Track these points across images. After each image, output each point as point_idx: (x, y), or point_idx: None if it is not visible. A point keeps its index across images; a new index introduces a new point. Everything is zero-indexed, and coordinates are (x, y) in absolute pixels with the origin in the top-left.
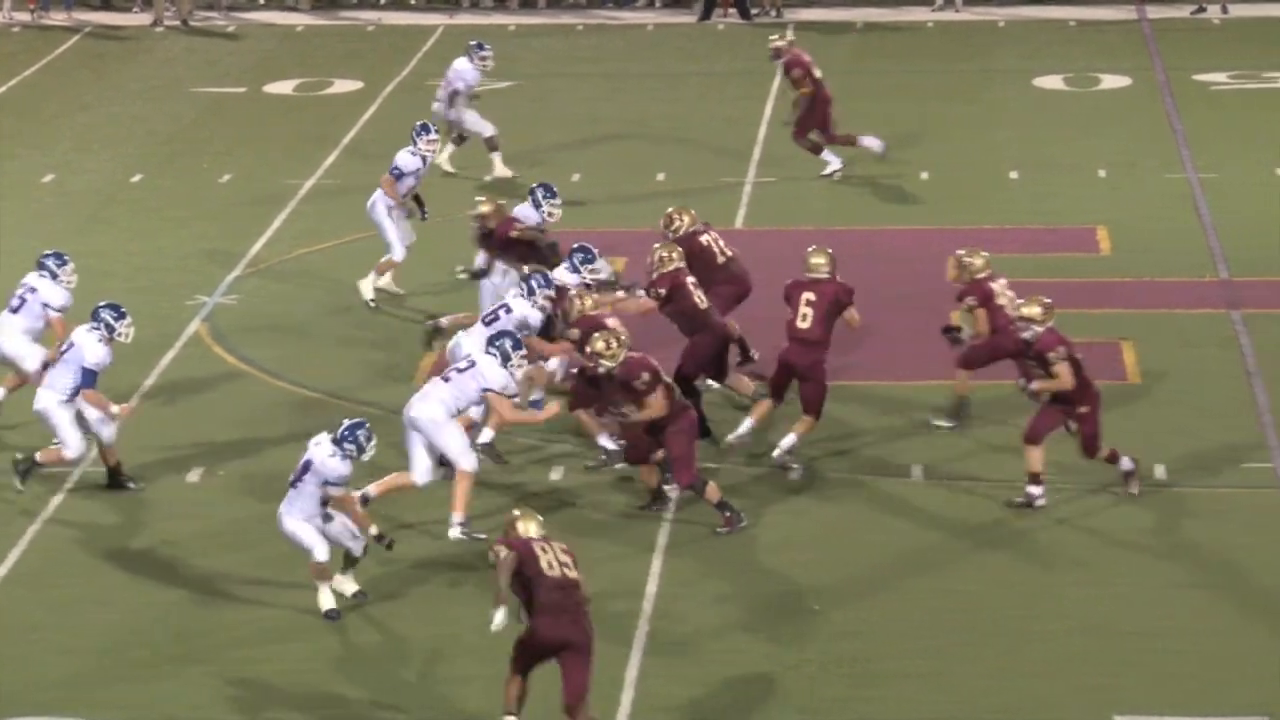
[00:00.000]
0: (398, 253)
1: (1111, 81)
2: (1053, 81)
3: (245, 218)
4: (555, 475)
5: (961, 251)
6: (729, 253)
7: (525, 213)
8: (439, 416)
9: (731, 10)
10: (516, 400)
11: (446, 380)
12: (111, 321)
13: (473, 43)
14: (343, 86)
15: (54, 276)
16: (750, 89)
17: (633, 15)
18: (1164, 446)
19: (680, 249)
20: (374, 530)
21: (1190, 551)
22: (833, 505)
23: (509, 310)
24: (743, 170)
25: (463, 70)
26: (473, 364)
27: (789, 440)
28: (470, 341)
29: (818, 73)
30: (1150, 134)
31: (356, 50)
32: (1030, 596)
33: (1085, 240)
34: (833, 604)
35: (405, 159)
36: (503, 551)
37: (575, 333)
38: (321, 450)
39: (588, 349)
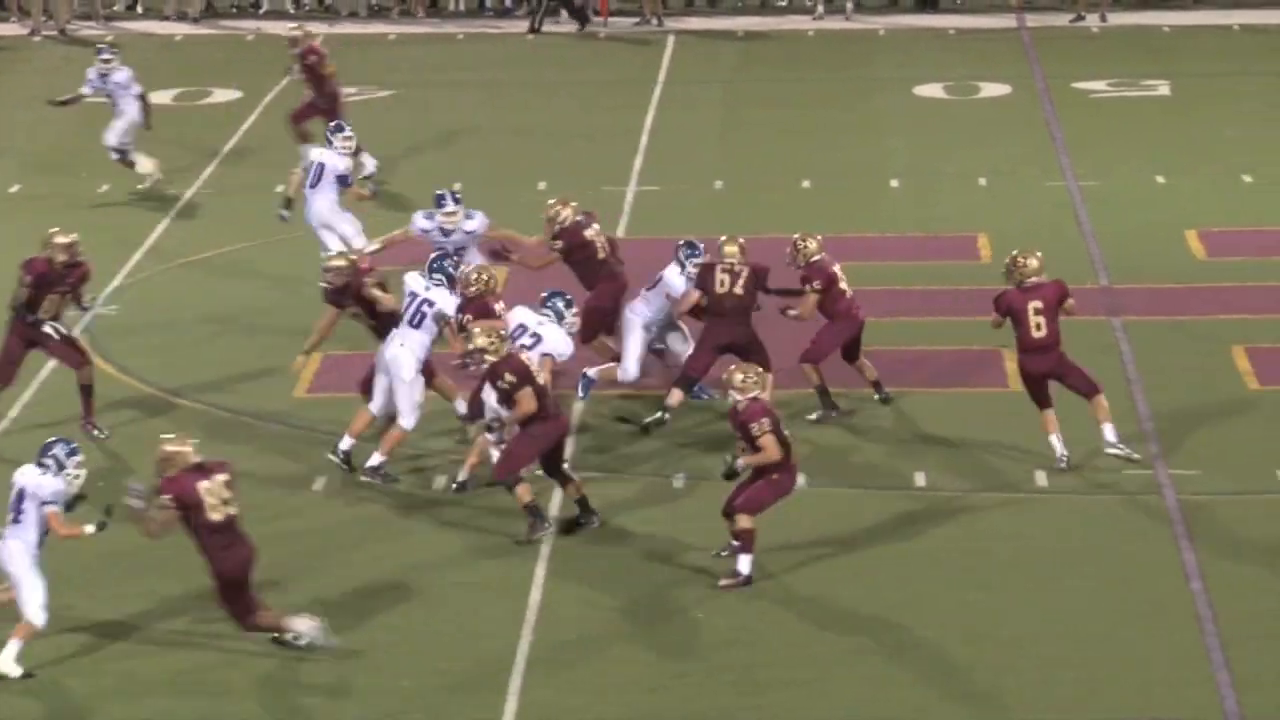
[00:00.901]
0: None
1: (991, 90)
2: (933, 90)
3: (125, 227)
4: (439, 480)
5: (797, 235)
6: (609, 249)
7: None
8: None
9: (613, 17)
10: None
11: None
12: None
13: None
14: (222, 96)
15: None
16: (631, 98)
17: (512, 25)
18: (1045, 454)
19: (575, 204)
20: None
21: (1071, 557)
22: (715, 512)
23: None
24: (625, 179)
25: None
26: (538, 339)
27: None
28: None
29: (331, 68)
30: (1030, 142)
31: (236, 59)
32: (912, 604)
33: (966, 248)
34: (716, 612)
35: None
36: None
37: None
38: (28, 474)
39: (469, 344)
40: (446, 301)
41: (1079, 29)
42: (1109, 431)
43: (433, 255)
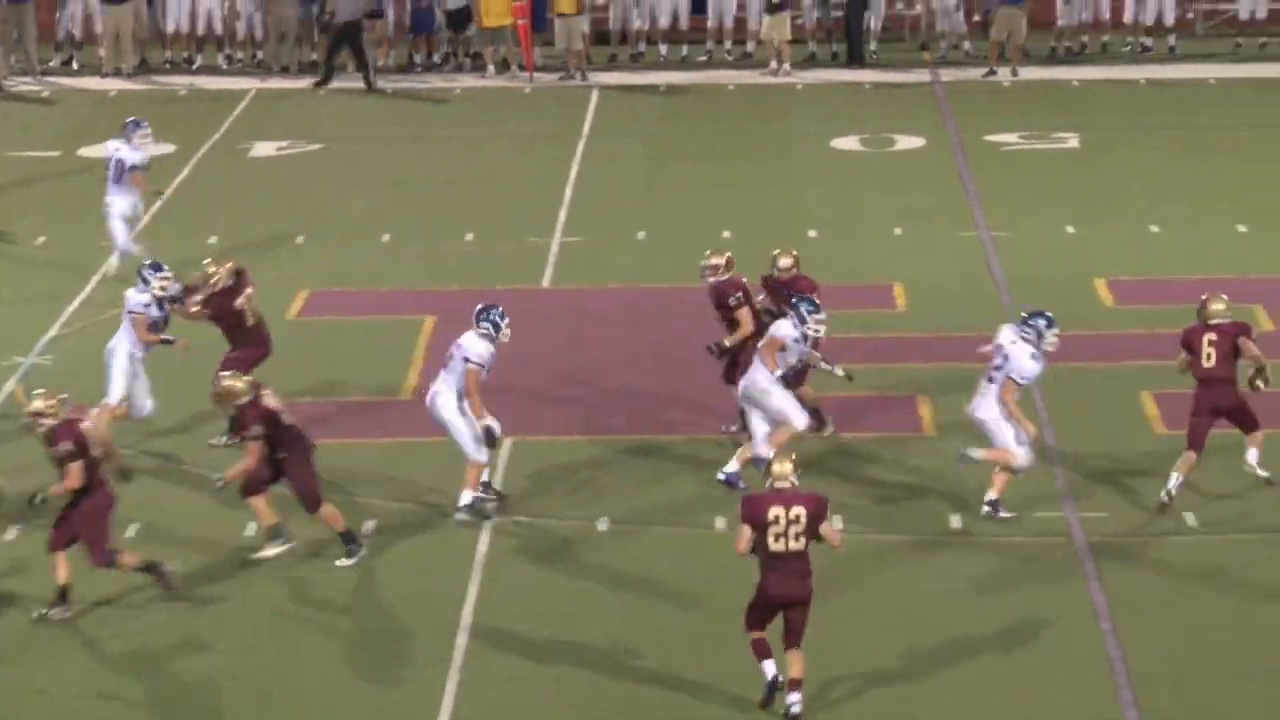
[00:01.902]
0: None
1: (906, 142)
2: (850, 142)
3: (61, 279)
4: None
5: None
6: (258, 317)
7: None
8: (765, 383)
9: (538, 73)
10: None
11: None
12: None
13: (130, 120)
14: (157, 149)
15: None
16: (556, 151)
17: (439, 80)
18: (960, 496)
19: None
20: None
21: (983, 598)
22: (630, 557)
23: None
24: (550, 230)
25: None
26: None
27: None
28: None
29: None
30: (944, 193)
31: (170, 114)
32: (826, 646)
33: (883, 297)
34: (647, 646)
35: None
36: None
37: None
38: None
39: (28, 409)
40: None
41: (991, 83)
42: (1252, 455)
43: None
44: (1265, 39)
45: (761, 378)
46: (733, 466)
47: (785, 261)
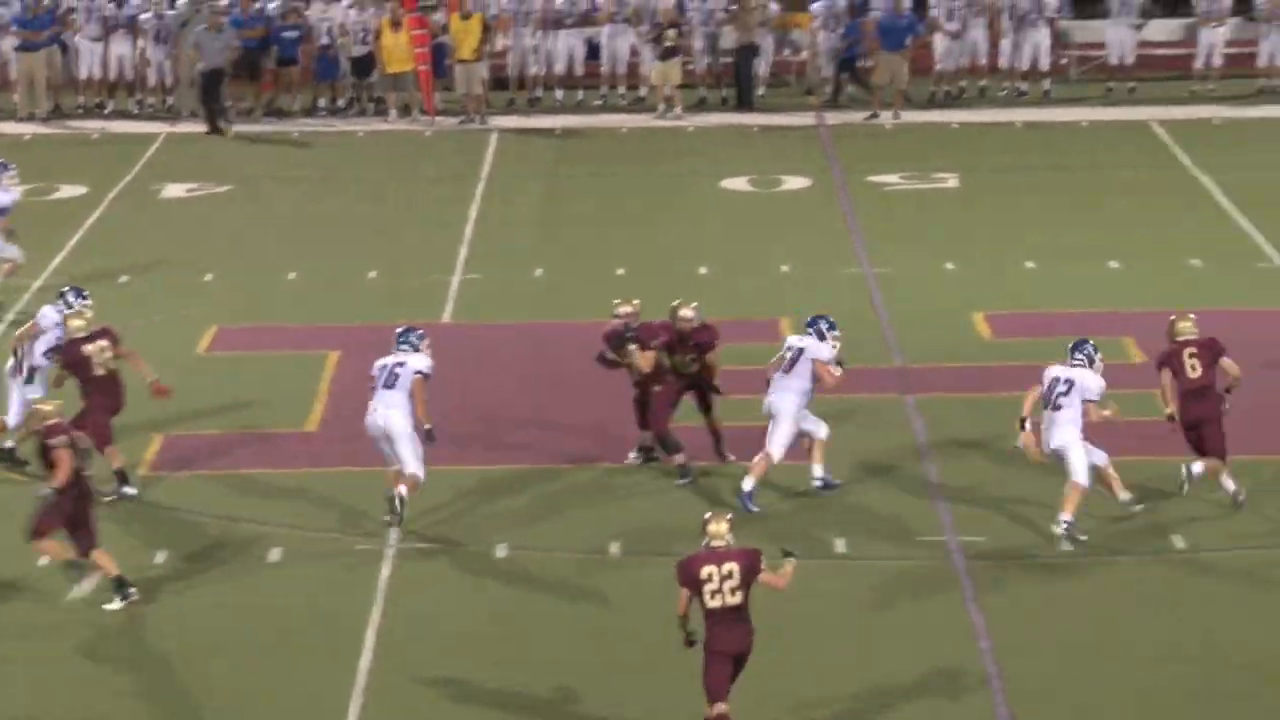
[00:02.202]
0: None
1: (793, 183)
2: (739, 183)
3: None
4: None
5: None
6: (112, 367)
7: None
8: (792, 407)
9: (439, 116)
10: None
11: (788, 373)
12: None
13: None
14: (69, 191)
15: None
16: (456, 191)
17: (344, 124)
18: (845, 522)
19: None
20: None
21: (865, 619)
22: (515, 586)
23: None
24: (450, 268)
25: None
26: (802, 350)
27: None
28: None
29: None
30: (829, 231)
31: (83, 157)
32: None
33: (769, 331)
34: (546, 670)
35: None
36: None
37: None
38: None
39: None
40: (420, 362)
41: (874, 126)
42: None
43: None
44: (1134, 84)
45: (793, 403)
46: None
47: (687, 313)
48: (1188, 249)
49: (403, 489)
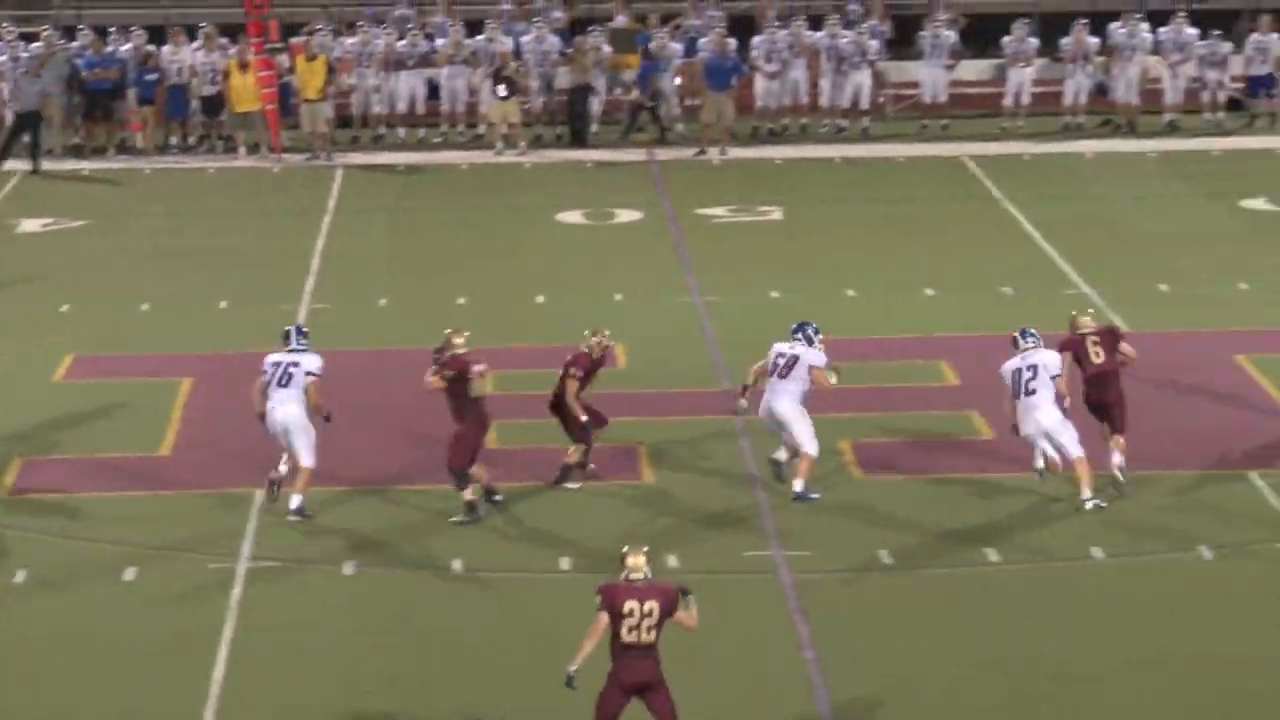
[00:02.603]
0: None
1: (625, 216)
2: (574, 216)
3: None
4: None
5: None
6: None
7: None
8: (795, 408)
9: (286, 154)
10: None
11: (784, 378)
12: None
13: None
14: None
15: None
16: (303, 226)
17: (194, 161)
18: (676, 538)
19: None
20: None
21: (692, 638)
22: (364, 603)
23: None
24: (298, 298)
25: None
26: (797, 357)
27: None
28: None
29: None
30: (660, 262)
31: None
32: (552, 687)
33: (607, 357)
34: (397, 682)
35: None
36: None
37: None
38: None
39: None
40: (312, 363)
41: (701, 162)
42: (1117, 458)
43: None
44: (946, 121)
45: (794, 405)
46: (799, 485)
47: (598, 339)
48: (999, 277)
49: (283, 468)
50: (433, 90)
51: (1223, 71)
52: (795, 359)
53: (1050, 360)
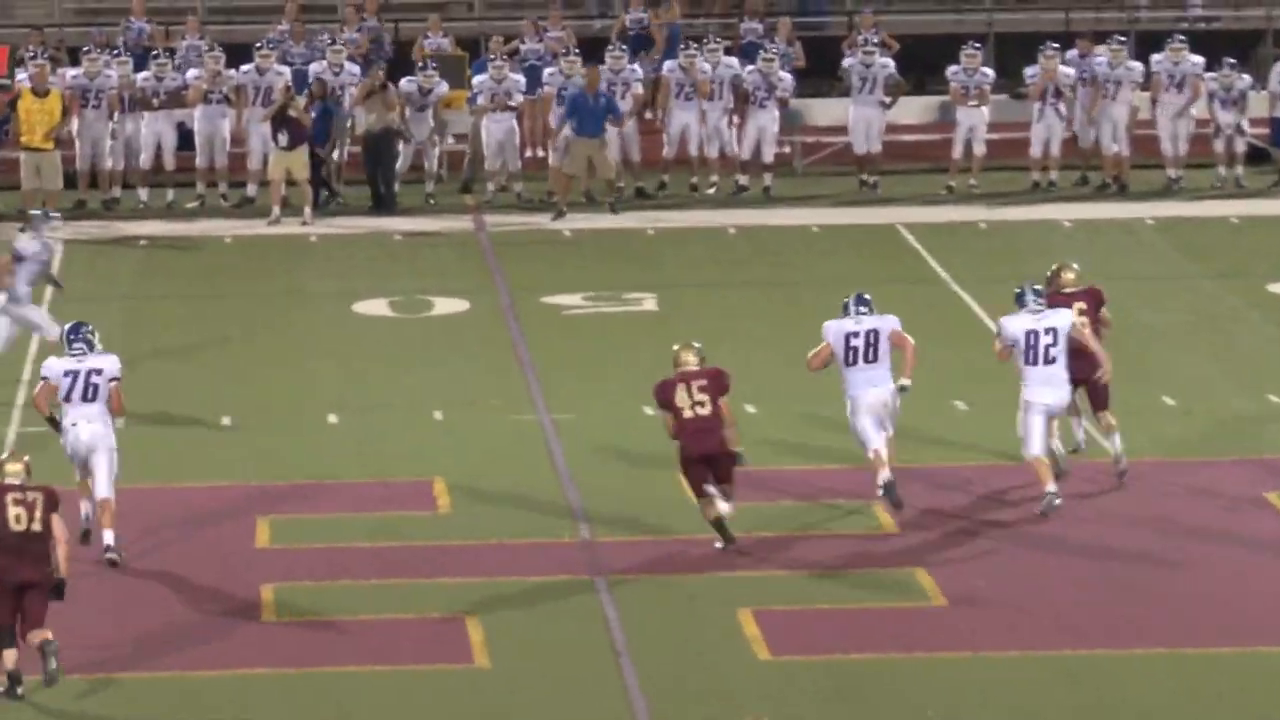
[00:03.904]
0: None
1: (446, 306)
2: (376, 306)
3: None
4: None
5: None
6: None
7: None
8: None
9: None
10: None
11: (873, 361)
12: None
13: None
14: None
15: None
16: None
17: None
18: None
19: None
20: None
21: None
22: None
23: None
24: (6, 419)
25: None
26: (876, 330)
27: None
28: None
29: None
30: (493, 367)
31: None
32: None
33: (421, 496)
34: None
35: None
36: None
37: None
38: None
39: None
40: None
41: (551, 233)
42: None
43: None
44: (875, 178)
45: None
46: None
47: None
48: (949, 386)
49: (109, 538)
50: (184, 138)
51: (1239, 113)
52: (875, 333)
53: (1067, 325)
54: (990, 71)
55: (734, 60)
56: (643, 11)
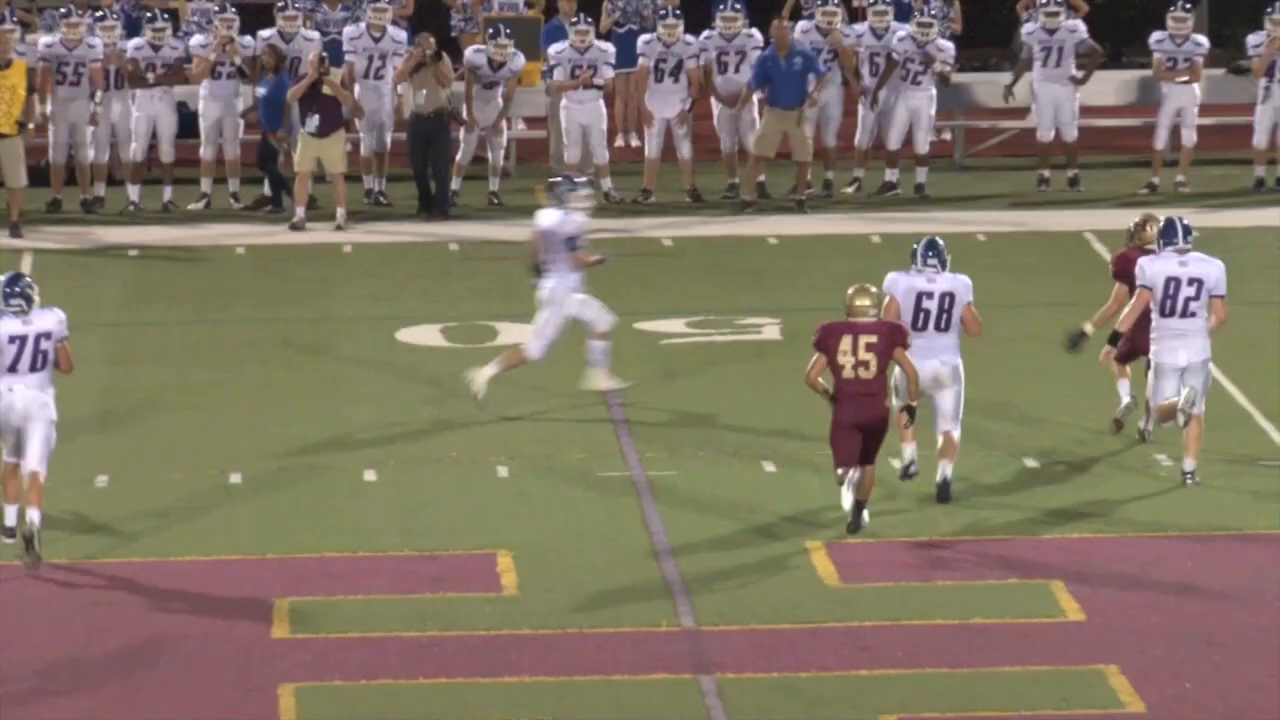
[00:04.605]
0: None
1: (514, 334)
2: (427, 334)
3: None
4: None
5: None
6: None
7: None
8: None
9: None
10: None
11: (943, 329)
12: None
13: None
14: None
15: None
16: None
17: None
18: None
19: None
20: None
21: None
22: None
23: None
24: None
25: None
26: (951, 294)
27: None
28: None
29: None
30: (574, 411)
31: None
32: None
33: (481, 573)
34: None
35: None
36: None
37: None
38: None
39: None
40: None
41: (645, 242)
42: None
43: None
44: (1074, 170)
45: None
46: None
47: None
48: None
49: (35, 517)
50: (186, 122)
51: None
52: (950, 296)
53: (1216, 277)
54: (1204, 39)
55: (864, 26)
56: None
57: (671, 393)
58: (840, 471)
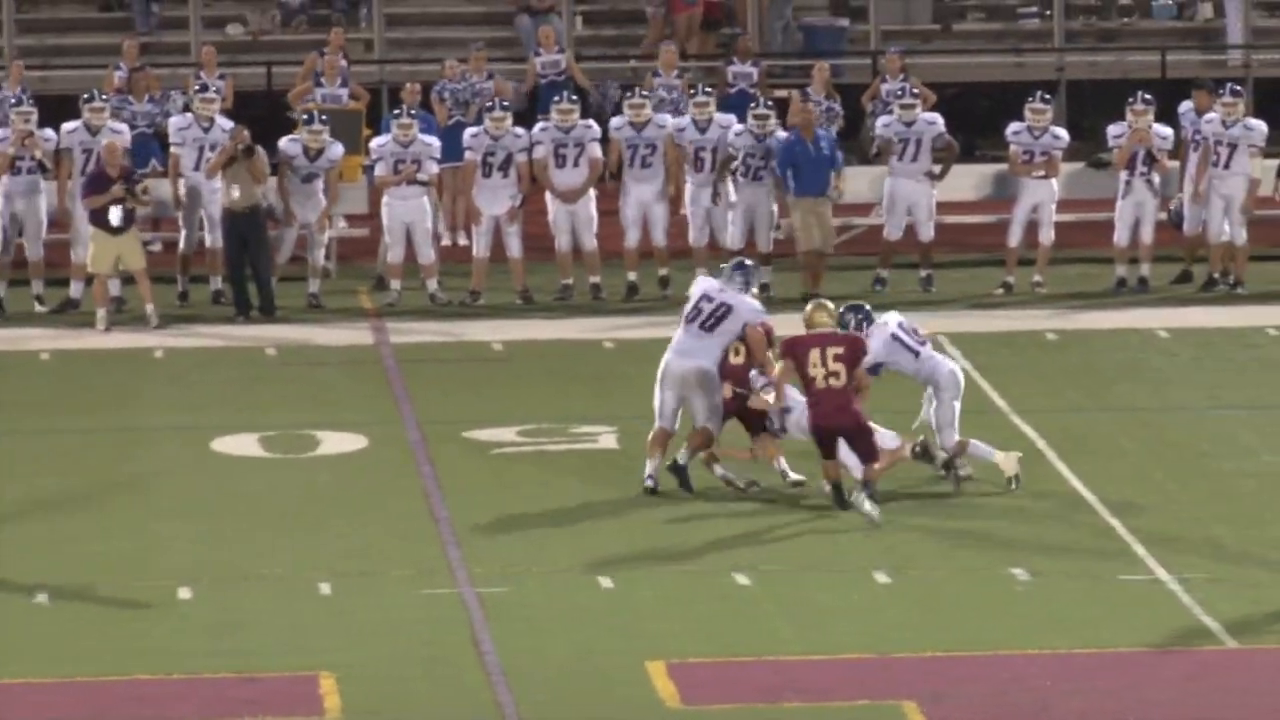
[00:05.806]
0: None
1: (336, 443)
2: (243, 443)
3: None
4: None
5: None
6: None
7: None
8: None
9: None
10: None
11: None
12: None
13: None
14: None
15: None
16: None
17: None
18: None
19: None
20: None
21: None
22: None
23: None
24: None
25: None
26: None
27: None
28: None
29: None
30: (399, 525)
31: None
32: None
33: (302, 697)
34: None
35: None
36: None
37: None
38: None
39: None
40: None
41: (474, 347)
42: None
43: None
44: (929, 271)
45: None
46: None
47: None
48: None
49: None
50: None
51: None
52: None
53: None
54: (1062, 132)
55: (730, 117)
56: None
57: (502, 505)
58: (827, 462)
